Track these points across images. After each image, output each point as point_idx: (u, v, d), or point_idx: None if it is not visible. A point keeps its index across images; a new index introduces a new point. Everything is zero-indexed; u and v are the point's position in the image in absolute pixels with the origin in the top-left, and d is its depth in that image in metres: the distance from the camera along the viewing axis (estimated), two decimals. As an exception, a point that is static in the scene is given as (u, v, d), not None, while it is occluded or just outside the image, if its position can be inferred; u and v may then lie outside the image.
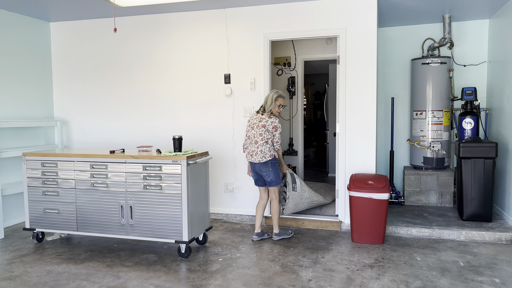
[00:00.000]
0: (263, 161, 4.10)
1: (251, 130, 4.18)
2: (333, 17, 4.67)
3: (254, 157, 4.13)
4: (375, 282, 3.30)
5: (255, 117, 4.20)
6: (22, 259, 3.92)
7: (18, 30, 5.24)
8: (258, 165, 4.14)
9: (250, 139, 4.19)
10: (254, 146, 4.13)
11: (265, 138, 4.08)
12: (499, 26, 5.12)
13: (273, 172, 4.14)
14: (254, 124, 4.16)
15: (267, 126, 4.09)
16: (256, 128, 4.13)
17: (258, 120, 4.14)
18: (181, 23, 5.19)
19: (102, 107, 5.57)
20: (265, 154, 4.09)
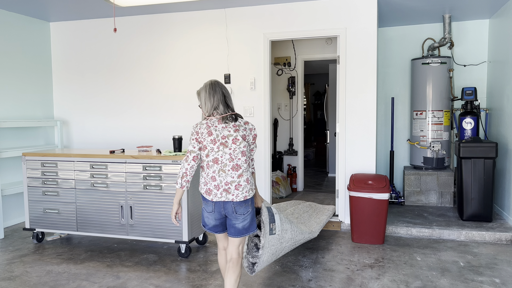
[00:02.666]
0: (248, 198, 2.59)
1: (219, 149, 2.56)
2: (333, 17, 4.67)
3: (235, 192, 2.55)
4: (375, 282, 3.29)
5: (222, 127, 2.57)
6: (22, 259, 3.91)
7: (18, 30, 5.24)
8: (231, 205, 2.57)
9: (218, 164, 2.56)
10: (231, 174, 2.55)
11: (247, 157, 2.64)
12: (499, 26, 5.12)
13: (252, 213, 2.67)
14: (228, 137, 2.56)
15: (247, 137, 2.62)
16: (233, 142, 2.56)
17: (233, 130, 2.57)
18: (181, 23, 5.19)
19: (102, 107, 5.57)
20: (251, 186, 2.62)
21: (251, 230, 2.68)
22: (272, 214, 3.11)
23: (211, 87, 2.62)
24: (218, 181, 2.56)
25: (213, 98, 2.60)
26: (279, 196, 6.01)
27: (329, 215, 4.52)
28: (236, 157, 2.57)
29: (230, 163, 2.56)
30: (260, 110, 4.94)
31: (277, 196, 6.01)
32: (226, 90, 2.67)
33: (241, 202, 2.58)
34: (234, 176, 2.56)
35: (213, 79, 2.72)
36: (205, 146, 2.58)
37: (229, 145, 2.56)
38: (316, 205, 4.80)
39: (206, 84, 2.65)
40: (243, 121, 2.65)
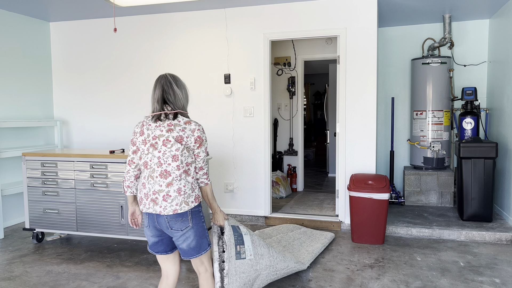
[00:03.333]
0: (179, 212, 2.20)
1: (149, 152, 2.24)
2: (333, 17, 4.67)
3: (163, 203, 2.20)
4: (375, 282, 3.29)
5: (154, 126, 2.25)
6: (22, 259, 3.91)
7: (18, 30, 5.24)
8: (164, 219, 2.22)
9: (147, 169, 2.24)
10: (159, 181, 2.20)
11: (184, 164, 2.22)
12: (499, 26, 5.12)
13: (195, 229, 2.26)
14: (157, 138, 2.22)
15: (185, 139, 2.22)
16: (163, 144, 2.21)
17: (166, 130, 2.22)
18: (181, 23, 5.19)
19: (102, 107, 5.57)
20: (186, 197, 2.22)
21: (202, 249, 2.29)
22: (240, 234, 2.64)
23: (155, 82, 2.32)
24: (147, 189, 2.23)
25: (154, 94, 2.29)
26: (279, 196, 6.01)
27: (325, 243, 4.05)
28: (166, 162, 2.19)
29: (158, 168, 2.20)
30: (260, 110, 4.93)
31: (277, 196, 6.01)
32: (170, 84, 2.27)
33: (175, 216, 2.19)
34: (162, 185, 2.19)
35: (165, 73, 2.35)
36: (137, 148, 2.28)
37: (159, 147, 2.20)
38: (312, 232, 4.33)
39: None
40: (185, 120, 2.24)
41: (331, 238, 4.23)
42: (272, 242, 3.71)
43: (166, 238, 2.33)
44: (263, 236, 3.95)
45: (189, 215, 2.23)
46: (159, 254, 2.36)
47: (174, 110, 2.25)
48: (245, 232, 2.66)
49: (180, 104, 2.29)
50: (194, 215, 2.25)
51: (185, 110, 2.32)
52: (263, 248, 2.88)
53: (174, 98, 2.26)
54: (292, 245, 3.80)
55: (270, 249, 2.96)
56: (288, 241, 3.88)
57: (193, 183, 2.27)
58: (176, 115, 2.25)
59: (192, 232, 2.24)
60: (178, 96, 2.28)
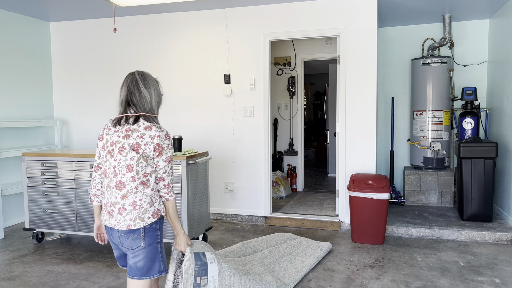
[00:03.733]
0: (133, 228, 1.98)
1: (107, 159, 2.04)
2: (333, 17, 4.67)
3: (117, 217, 1.99)
4: (375, 282, 3.29)
5: (113, 131, 2.04)
6: (22, 259, 3.91)
7: (18, 30, 5.24)
8: (118, 233, 2.00)
9: (106, 178, 2.05)
10: (115, 193, 2.00)
11: (141, 174, 1.99)
12: (499, 26, 5.12)
13: (148, 251, 2.02)
14: (114, 145, 2.01)
15: (142, 147, 1.98)
16: (118, 152, 1.99)
17: (123, 136, 2.00)
18: (181, 23, 5.19)
19: (102, 107, 5.57)
20: (141, 212, 1.99)
21: (149, 274, 2.02)
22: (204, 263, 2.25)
23: (124, 80, 2.08)
24: (106, 200, 2.04)
25: (120, 93, 2.06)
26: (279, 196, 6.01)
27: (319, 257, 3.67)
28: (120, 172, 1.97)
29: (114, 178, 1.99)
30: (260, 110, 4.93)
31: (277, 196, 6.01)
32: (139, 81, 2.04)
33: (127, 232, 1.96)
34: (118, 197, 1.98)
35: (135, 71, 2.10)
36: (99, 154, 2.09)
37: (115, 155, 1.99)
38: (308, 243, 3.92)
39: None
40: (146, 125, 1.99)
41: (327, 250, 3.89)
42: (253, 262, 3.20)
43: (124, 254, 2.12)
44: (247, 250, 3.44)
45: (142, 233, 1.97)
46: (125, 267, 2.16)
47: (137, 113, 2.02)
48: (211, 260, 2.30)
49: (147, 106, 2.03)
50: (148, 233, 1.99)
51: (153, 113, 2.07)
52: (234, 277, 2.52)
53: (139, 99, 2.02)
54: (280, 262, 3.38)
55: (242, 278, 2.61)
56: (275, 257, 3.41)
57: (153, 196, 2.01)
58: (137, 119, 2.00)
59: (142, 251, 1.99)
60: (145, 97, 2.03)
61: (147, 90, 2.05)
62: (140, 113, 2.02)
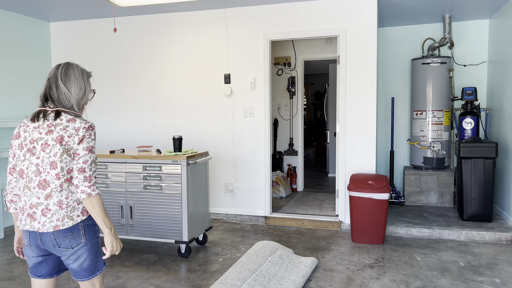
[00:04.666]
0: (64, 227, 1.85)
1: (26, 158, 1.88)
2: (333, 17, 4.67)
3: (41, 218, 1.84)
4: (375, 282, 3.29)
5: (31, 128, 1.90)
6: (22, 259, 3.91)
7: (18, 30, 5.24)
8: (49, 236, 1.86)
9: (23, 178, 1.89)
10: (37, 193, 1.85)
11: (65, 171, 1.85)
12: (499, 26, 5.12)
13: (89, 246, 1.92)
14: (35, 142, 1.87)
15: (66, 140, 1.84)
16: (43, 150, 1.85)
17: (46, 132, 1.86)
18: (181, 23, 5.19)
19: (102, 107, 5.57)
20: (69, 211, 1.87)
21: (97, 269, 1.95)
22: None
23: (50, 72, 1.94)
24: (23, 202, 1.88)
25: (43, 86, 1.94)
26: (279, 196, 6.02)
27: (306, 274, 3.32)
28: (45, 170, 1.84)
29: (36, 177, 1.85)
30: (260, 110, 4.93)
31: (277, 196, 6.01)
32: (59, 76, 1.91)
33: (64, 231, 1.84)
34: (41, 197, 1.84)
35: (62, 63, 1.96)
36: (14, 153, 1.92)
37: (37, 152, 1.85)
38: (289, 256, 3.62)
39: None
40: (69, 118, 1.87)
41: (312, 265, 3.50)
42: None
43: (52, 258, 1.95)
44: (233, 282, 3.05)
45: (81, 230, 1.88)
46: (42, 278, 1.95)
47: (57, 108, 1.89)
48: None
49: (67, 103, 1.90)
50: (87, 229, 1.90)
51: (75, 110, 1.92)
52: None
53: (58, 96, 1.90)
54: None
55: None
56: (263, 285, 3.08)
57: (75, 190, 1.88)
58: (58, 113, 1.87)
59: (85, 249, 1.89)
60: (65, 94, 1.89)
61: (67, 88, 1.90)
62: (59, 109, 1.89)
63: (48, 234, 1.85)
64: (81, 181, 1.82)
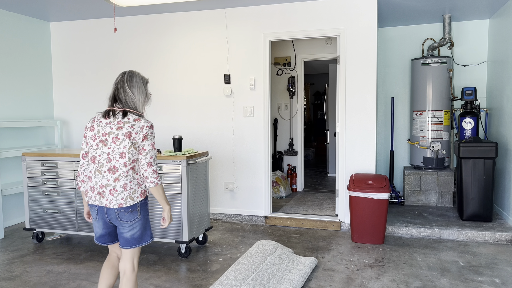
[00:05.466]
0: (127, 205, 2.31)
1: (98, 147, 2.32)
2: (333, 17, 4.67)
3: (109, 197, 2.30)
4: (375, 282, 3.30)
5: (104, 123, 2.33)
6: (22, 259, 3.91)
7: (18, 30, 5.24)
8: (114, 212, 2.32)
9: (95, 164, 2.33)
10: (106, 176, 2.30)
11: (131, 161, 2.30)
12: (499, 26, 5.12)
13: (142, 221, 2.39)
14: (107, 135, 2.30)
15: (134, 136, 2.29)
16: (114, 142, 2.29)
17: (116, 127, 2.30)
18: (181, 23, 5.19)
19: (102, 107, 5.57)
20: (131, 193, 2.31)
21: (144, 240, 2.42)
22: None
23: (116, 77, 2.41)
24: (94, 182, 2.34)
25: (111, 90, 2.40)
26: (279, 196, 6.02)
27: (305, 274, 3.32)
28: (114, 158, 2.29)
29: (107, 164, 2.30)
30: (260, 110, 4.94)
31: (277, 196, 6.01)
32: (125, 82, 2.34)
33: (125, 209, 2.31)
34: (110, 179, 2.30)
35: (127, 71, 2.41)
36: (87, 142, 2.39)
37: (109, 143, 2.30)
38: (288, 256, 3.61)
39: None
40: (134, 117, 2.32)
41: (311, 265, 3.50)
42: None
43: (113, 230, 2.46)
44: (232, 282, 3.04)
45: (138, 207, 2.35)
46: (107, 244, 2.49)
47: (123, 109, 2.33)
48: None
49: (132, 105, 2.35)
50: (143, 207, 2.39)
51: (138, 110, 2.37)
52: None
53: (125, 98, 2.34)
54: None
55: None
56: (263, 284, 3.08)
57: (139, 179, 2.36)
58: (125, 113, 2.32)
59: (139, 223, 2.38)
60: (130, 97, 2.35)
61: (132, 91, 2.34)
62: (125, 109, 2.33)
63: (112, 209, 2.32)
64: (150, 174, 2.30)
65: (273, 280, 3.17)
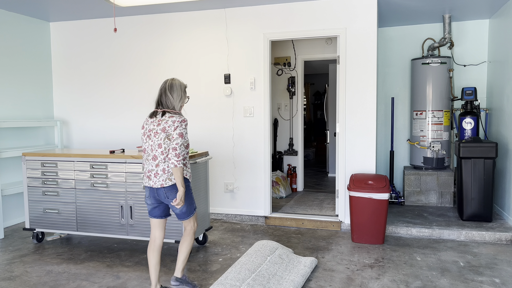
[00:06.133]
0: (168, 185, 2.88)
1: (147, 141, 2.96)
2: (333, 17, 4.67)
3: (154, 179, 2.90)
4: (375, 282, 3.29)
5: (150, 122, 2.96)
6: (22, 259, 3.91)
7: (18, 30, 5.24)
8: (162, 191, 2.91)
9: (145, 154, 2.98)
10: (152, 163, 2.91)
11: (166, 150, 2.88)
12: (499, 26, 5.12)
13: (186, 198, 2.96)
14: (151, 131, 2.92)
15: (167, 129, 2.86)
16: (155, 136, 2.90)
17: (156, 124, 2.91)
18: (181, 23, 5.19)
19: (102, 107, 5.57)
20: (170, 175, 2.89)
21: (192, 212, 3.04)
22: None
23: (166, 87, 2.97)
24: (145, 169, 2.99)
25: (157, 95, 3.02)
26: (279, 196, 6.02)
27: (305, 274, 3.33)
28: (155, 149, 2.91)
29: (151, 153, 2.93)
30: (260, 110, 4.94)
31: (277, 196, 6.01)
32: (167, 88, 2.95)
33: (169, 188, 2.90)
34: (153, 165, 2.91)
35: (168, 79, 3.00)
36: (142, 138, 3.03)
37: (152, 137, 2.92)
38: (288, 256, 3.62)
39: None
40: (169, 115, 2.90)
41: (311, 265, 3.51)
42: None
43: (162, 206, 3.03)
44: (232, 282, 3.04)
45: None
46: (156, 218, 3.03)
47: (163, 109, 2.93)
48: None
49: (171, 105, 2.94)
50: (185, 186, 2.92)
51: (176, 109, 2.95)
52: None
53: (166, 101, 2.94)
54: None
55: None
56: (263, 284, 3.08)
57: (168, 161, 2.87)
58: (164, 113, 2.92)
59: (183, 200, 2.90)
60: (170, 99, 2.94)
61: (171, 95, 2.94)
62: (165, 109, 2.93)
63: (161, 189, 2.90)
64: (172, 156, 2.81)
65: (273, 280, 3.17)
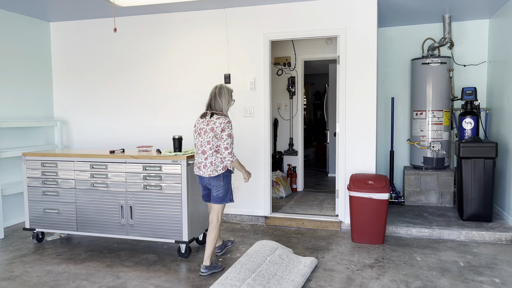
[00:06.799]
0: (213, 175, 3.44)
1: (197, 138, 3.49)
2: (333, 17, 4.67)
3: (203, 170, 3.45)
4: (375, 282, 3.29)
5: (201, 121, 3.49)
6: (22, 259, 3.91)
7: (18, 30, 5.24)
8: (207, 179, 3.48)
9: (196, 148, 3.52)
10: (201, 156, 3.45)
11: (214, 146, 3.39)
12: (499, 26, 5.12)
13: (224, 187, 3.50)
14: (202, 130, 3.45)
15: (215, 129, 3.38)
16: (204, 134, 3.42)
17: (205, 124, 3.44)
18: (181, 23, 5.19)
19: (102, 107, 5.57)
20: (216, 167, 3.42)
21: (225, 200, 3.52)
22: None
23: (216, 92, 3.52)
24: (196, 161, 3.55)
25: (208, 99, 3.55)
26: (279, 196, 6.01)
27: (305, 274, 3.33)
28: (204, 145, 3.44)
29: (201, 148, 3.47)
30: (260, 110, 4.94)
31: (277, 196, 6.01)
32: (216, 93, 3.49)
33: (212, 178, 3.45)
34: (202, 158, 3.46)
35: (218, 84, 3.56)
36: (193, 135, 3.56)
37: (202, 135, 3.45)
38: (288, 256, 3.64)
39: None
40: (217, 117, 3.43)
41: (311, 265, 3.52)
42: None
43: (208, 193, 3.61)
44: (232, 283, 3.06)
45: (221, 177, 3.47)
46: (207, 202, 3.66)
47: (212, 111, 3.47)
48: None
49: (219, 108, 3.48)
50: (225, 177, 3.49)
51: (223, 111, 3.48)
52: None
53: (215, 104, 3.49)
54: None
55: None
56: (263, 284, 3.09)
57: (222, 158, 3.42)
58: (212, 114, 3.45)
59: (222, 188, 3.49)
60: (219, 103, 3.48)
61: (220, 99, 3.48)
62: (213, 111, 3.47)
63: (206, 178, 3.48)
64: (226, 154, 3.39)
65: (273, 280, 3.17)
